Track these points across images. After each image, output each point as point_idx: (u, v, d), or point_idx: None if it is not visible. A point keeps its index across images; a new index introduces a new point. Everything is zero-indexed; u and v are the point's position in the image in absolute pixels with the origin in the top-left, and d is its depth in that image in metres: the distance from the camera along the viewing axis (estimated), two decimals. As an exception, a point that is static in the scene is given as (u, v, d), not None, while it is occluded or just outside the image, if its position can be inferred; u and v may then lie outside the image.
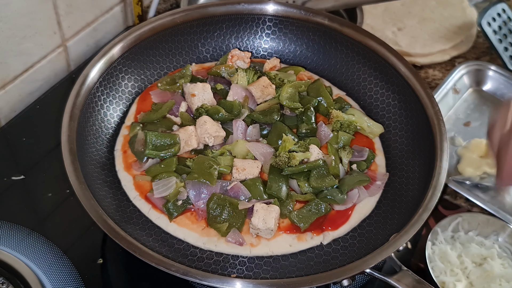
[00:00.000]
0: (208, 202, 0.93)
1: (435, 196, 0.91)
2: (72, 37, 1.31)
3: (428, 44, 1.45)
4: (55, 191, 1.08)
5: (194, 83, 1.09)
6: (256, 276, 0.90)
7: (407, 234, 0.86)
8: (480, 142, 1.23)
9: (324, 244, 0.94)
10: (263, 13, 1.23)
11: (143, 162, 1.00)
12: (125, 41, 1.11)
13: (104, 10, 1.37)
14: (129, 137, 1.05)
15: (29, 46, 1.19)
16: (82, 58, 1.36)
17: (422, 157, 1.02)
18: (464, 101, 1.37)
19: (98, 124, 1.06)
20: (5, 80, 1.18)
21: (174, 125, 1.06)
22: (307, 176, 0.99)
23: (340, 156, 1.03)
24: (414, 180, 1.01)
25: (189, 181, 0.95)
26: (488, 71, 1.38)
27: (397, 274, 0.85)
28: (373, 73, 1.17)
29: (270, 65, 1.19)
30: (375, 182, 1.02)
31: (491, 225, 1.05)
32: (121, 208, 0.95)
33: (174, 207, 0.94)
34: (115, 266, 1.00)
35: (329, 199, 0.96)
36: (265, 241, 0.93)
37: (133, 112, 1.10)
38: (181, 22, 1.18)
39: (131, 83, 1.15)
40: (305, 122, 1.08)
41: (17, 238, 0.98)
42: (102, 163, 1.01)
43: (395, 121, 1.12)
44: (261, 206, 0.92)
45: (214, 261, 0.90)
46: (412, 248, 1.06)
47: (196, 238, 0.93)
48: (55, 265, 0.96)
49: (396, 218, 0.96)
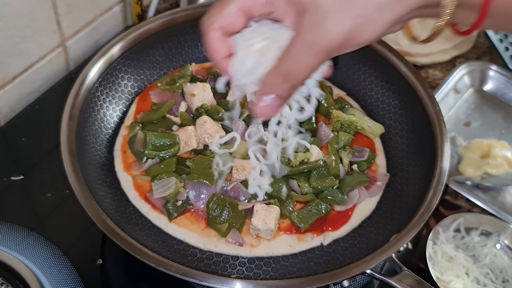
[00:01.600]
0: (208, 203, 0.93)
1: (436, 197, 0.91)
2: (72, 37, 1.30)
3: (428, 44, 1.44)
4: (54, 191, 1.07)
5: (194, 83, 1.09)
6: (256, 276, 0.89)
7: (407, 235, 0.86)
8: (480, 142, 1.22)
9: (324, 245, 0.94)
10: (263, 13, 1.22)
11: (142, 162, 1.00)
12: (125, 41, 1.11)
13: (103, 10, 1.36)
14: (129, 137, 1.04)
15: (29, 46, 1.19)
16: (82, 58, 1.36)
17: (422, 157, 1.02)
18: (464, 101, 1.36)
19: (97, 124, 1.06)
20: (4, 80, 1.17)
21: (174, 125, 1.05)
22: (307, 177, 0.98)
23: (341, 156, 1.03)
24: (415, 180, 1.00)
25: (189, 182, 0.95)
26: (489, 71, 1.38)
27: (397, 274, 0.85)
28: (373, 73, 1.17)
29: (270, 65, 1.19)
30: (375, 183, 1.02)
31: (492, 225, 1.05)
32: (121, 209, 0.95)
33: (173, 208, 0.94)
34: (114, 267, 1.00)
35: (330, 199, 0.96)
36: (265, 241, 0.92)
37: (132, 112, 1.10)
38: (181, 22, 1.18)
39: (130, 83, 1.14)
40: (305, 122, 1.08)
41: (16, 238, 0.98)
42: (101, 163, 1.01)
43: (396, 121, 1.12)
44: (261, 206, 0.92)
45: (214, 262, 0.90)
46: (412, 248, 1.06)
47: (196, 238, 0.92)
48: (54, 266, 0.95)
49: (397, 219, 0.95)
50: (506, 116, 1.34)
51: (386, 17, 0.62)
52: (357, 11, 0.61)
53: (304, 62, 0.64)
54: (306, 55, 0.64)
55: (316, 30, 0.62)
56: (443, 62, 1.45)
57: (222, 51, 0.71)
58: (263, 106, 0.68)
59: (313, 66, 0.65)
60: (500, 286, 0.99)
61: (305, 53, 0.63)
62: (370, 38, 0.64)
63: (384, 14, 0.61)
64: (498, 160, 1.18)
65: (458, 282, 0.98)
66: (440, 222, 1.03)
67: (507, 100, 1.37)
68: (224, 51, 0.71)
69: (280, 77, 0.66)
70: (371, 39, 0.64)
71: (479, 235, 1.05)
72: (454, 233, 1.05)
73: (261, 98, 0.68)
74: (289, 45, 0.65)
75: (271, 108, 0.69)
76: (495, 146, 1.20)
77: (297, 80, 0.66)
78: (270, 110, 0.69)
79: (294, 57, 0.64)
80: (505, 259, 1.03)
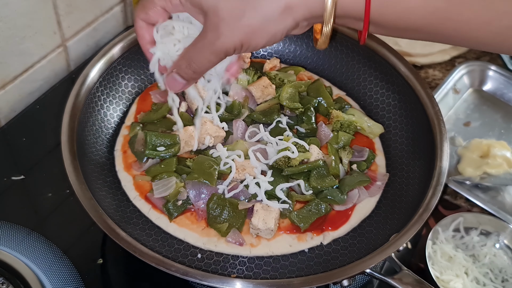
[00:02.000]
0: (208, 202, 0.93)
1: (435, 196, 0.91)
2: (72, 37, 1.31)
3: (428, 44, 1.45)
4: (55, 191, 1.08)
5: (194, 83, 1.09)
6: (256, 276, 0.90)
7: (407, 234, 0.86)
8: (480, 142, 1.23)
9: (324, 244, 0.94)
10: (263, 13, 1.22)
11: (143, 162, 1.00)
12: (125, 41, 1.11)
13: (104, 10, 1.37)
14: (129, 137, 1.05)
15: (29, 46, 1.19)
16: (82, 58, 1.36)
17: (422, 157, 1.02)
18: (464, 101, 1.37)
19: (98, 124, 1.06)
20: (5, 80, 1.18)
21: (174, 125, 1.06)
22: (307, 177, 0.99)
23: (340, 156, 1.03)
24: (414, 180, 1.01)
25: (189, 181, 0.95)
26: (488, 71, 1.38)
27: (397, 274, 0.85)
28: (373, 73, 1.17)
29: (270, 65, 1.19)
30: (375, 183, 1.02)
31: (492, 225, 1.05)
32: (121, 208, 0.95)
33: (174, 207, 0.94)
34: (115, 266, 1.00)
35: (329, 199, 0.96)
36: (265, 241, 0.93)
37: (133, 112, 1.10)
38: (181, 22, 1.18)
39: (131, 83, 1.15)
40: (305, 122, 1.08)
41: (17, 238, 0.98)
42: (102, 163, 1.01)
43: (395, 121, 1.12)
44: (261, 206, 0.92)
45: (214, 261, 0.90)
46: (412, 248, 1.06)
47: (196, 238, 0.92)
48: (55, 265, 0.95)
49: (396, 218, 0.96)
50: (506, 116, 1.34)
51: (273, 29, 0.71)
52: (246, 21, 0.70)
53: (204, 57, 0.75)
54: (205, 51, 0.74)
55: (214, 33, 0.72)
56: (443, 62, 1.45)
57: (146, 38, 0.83)
58: (170, 79, 0.80)
59: (211, 61, 0.75)
60: (499, 286, 1.00)
61: (205, 49, 0.74)
62: (262, 44, 0.73)
63: (271, 26, 0.70)
64: (497, 160, 1.18)
65: (457, 281, 0.98)
66: (439, 222, 1.03)
67: (507, 100, 1.37)
68: (148, 38, 0.83)
69: (185, 62, 0.77)
70: (263, 44, 0.73)
71: (478, 235, 1.05)
72: (454, 232, 1.05)
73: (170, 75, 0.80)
74: (196, 39, 0.75)
75: (176, 84, 0.80)
76: (495, 146, 1.20)
77: (197, 69, 0.77)
78: (176, 85, 0.80)
79: (196, 50, 0.75)
80: (505, 258, 1.03)
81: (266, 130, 1.06)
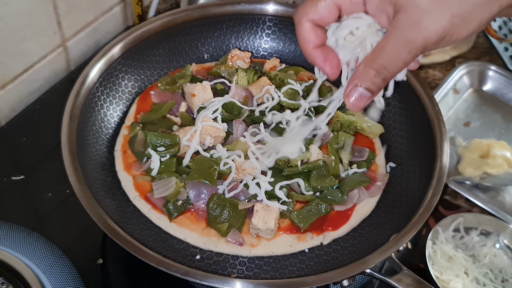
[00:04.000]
0: (208, 202, 0.93)
1: (435, 196, 0.91)
2: (72, 37, 1.31)
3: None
4: (55, 191, 1.08)
5: (194, 83, 1.09)
6: (256, 276, 0.89)
7: (407, 234, 0.86)
8: (480, 142, 1.23)
9: (324, 244, 0.94)
10: (263, 13, 1.23)
11: (143, 162, 1.00)
12: (125, 41, 1.11)
13: (104, 10, 1.37)
14: (129, 137, 1.05)
15: (29, 46, 1.19)
16: (82, 58, 1.36)
17: (422, 157, 1.02)
18: (464, 101, 1.37)
19: (98, 124, 1.06)
20: (5, 80, 1.18)
21: (174, 125, 1.06)
22: (307, 177, 0.99)
23: (340, 156, 1.03)
24: (414, 180, 1.01)
25: (189, 181, 0.95)
26: (488, 71, 1.38)
27: (397, 274, 0.85)
28: (373, 73, 1.17)
29: (270, 65, 1.19)
30: (375, 183, 1.02)
31: (492, 225, 1.05)
32: (121, 208, 0.95)
33: (174, 207, 0.94)
34: (115, 266, 1.00)
35: (329, 199, 0.96)
36: (265, 241, 0.93)
37: (133, 112, 1.10)
38: (181, 22, 1.18)
39: (131, 83, 1.15)
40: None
41: (17, 238, 0.98)
42: (102, 163, 1.01)
43: (395, 121, 1.12)
44: (261, 206, 0.92)
45: (214, 261, 0.90)
46: (412, 248, 1.06)
47: (196, 238, 0.92)
48: (55, 265, 0.95)
49: (396, 218, 0.96)
50: (506, 116, 1.34)
51: (481, 16, 0.64)
52: (453, 10, 0.63)
53: (400, 58, 0.67)
54: (402, 52, 0.66)
55: (414, 28, 0.64)
56: (443, 62, 1.45)
57: (312, 41, 0.74)
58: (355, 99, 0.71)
59: (407, 61, 0.68)
60: (499, 286, 1.00)
61: (401, 49, 0.66)
62: (464, 36, 0.66)
63: (479, 13, 0.64)
64: (497, 160, 1.18)
65: (457, 281, 0.98)
66: (439, 222, 1.03)
67: (507, 100, 1.37)
68: (314, 41, 0.74)
69: (373, 71, 0.69)
70: (464, 36, 0.66)
71: (478, 235, 1.05)
72: (454, 232, 1.05)
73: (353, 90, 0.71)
74: (383, 41, 0.68)
75: (362, 101, 0.72)
76: (495, 146, 1.20)
77: (390, 74, 0.69)
78: (361, 102, 0.72)
79: (389, 53, 0.67)
80: (505, 258, 1.03)
81: (266, 130, 1.06)
